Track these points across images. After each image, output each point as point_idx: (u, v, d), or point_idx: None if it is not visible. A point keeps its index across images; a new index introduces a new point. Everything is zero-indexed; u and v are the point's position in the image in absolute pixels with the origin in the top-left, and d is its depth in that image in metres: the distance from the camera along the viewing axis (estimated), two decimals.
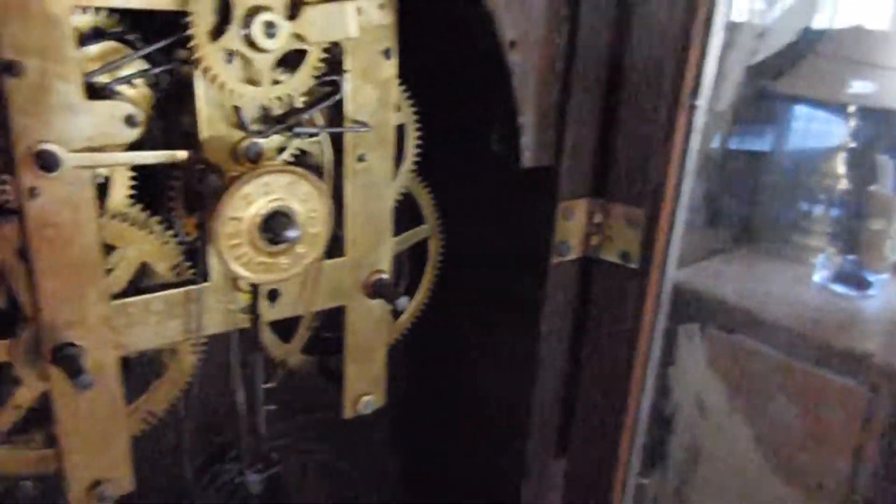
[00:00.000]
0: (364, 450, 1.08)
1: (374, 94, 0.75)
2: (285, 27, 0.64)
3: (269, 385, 0.80)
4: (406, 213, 0.90)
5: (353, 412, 0.89)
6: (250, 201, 0.63)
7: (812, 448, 0.91)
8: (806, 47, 1.17)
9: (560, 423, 0.97)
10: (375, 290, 0.83)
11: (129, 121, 0.62)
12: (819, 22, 1.22)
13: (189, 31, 0.61)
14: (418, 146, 0.85)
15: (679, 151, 0.81)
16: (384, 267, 0.83)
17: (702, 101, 0.78)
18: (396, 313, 0.91)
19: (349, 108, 0.74)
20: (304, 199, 0.66)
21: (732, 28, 0.92)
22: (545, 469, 1.00)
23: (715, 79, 0.78)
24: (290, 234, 0.63)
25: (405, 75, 0.77)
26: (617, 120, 0.82)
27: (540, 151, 0.82)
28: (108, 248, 0.66)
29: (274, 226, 0.64)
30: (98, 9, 0.61)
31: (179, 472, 0.86)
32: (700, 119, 0.79)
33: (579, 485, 0.98)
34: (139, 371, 0.76)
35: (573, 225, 0.87)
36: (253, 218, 0.64)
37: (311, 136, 0.72)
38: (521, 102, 0.78)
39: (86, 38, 0.61)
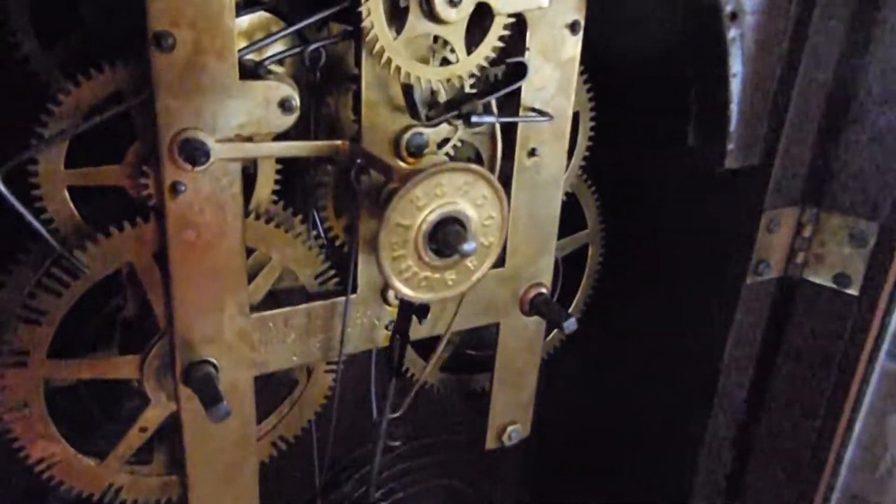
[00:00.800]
0: (493, 478, 0.97)
1: (555, 76, 0.62)
2: None
3: (397, 414, 0.69)
4: (564, 215, 0.77)
5: (496, 443, 0.77)
6: (420, 206, 0.52)
7: None
8: None
9: (731, 469, 0.83)
10: (534, 306, 0.70)
11: (285, 105, 0.51)
12: None
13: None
14: (591, 139, 0.72)
15: None
16: (545, 280, 0.71)
17: None
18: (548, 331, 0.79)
19: (527, 95, 0.61)
20: (479, 203, 0.54)
21: None
22: None
23: None
24: (467, 247, 0.52)
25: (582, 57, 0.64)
26: (850, 116, 0.66)
27: (748, 149, 0.67)
28: (249, 252, 0.57)
29: (446, 236, 0.52)
30: None
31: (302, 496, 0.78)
32: None
33: None
34: (266, 391, 0.67)
35: (776, 239, 0.71)
36: (421, 225, 0.53)
37: (480, 125, 0.60)
38: (733, 90, 0.63)
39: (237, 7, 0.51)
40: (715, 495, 0.83)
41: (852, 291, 0.70)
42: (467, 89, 0.60)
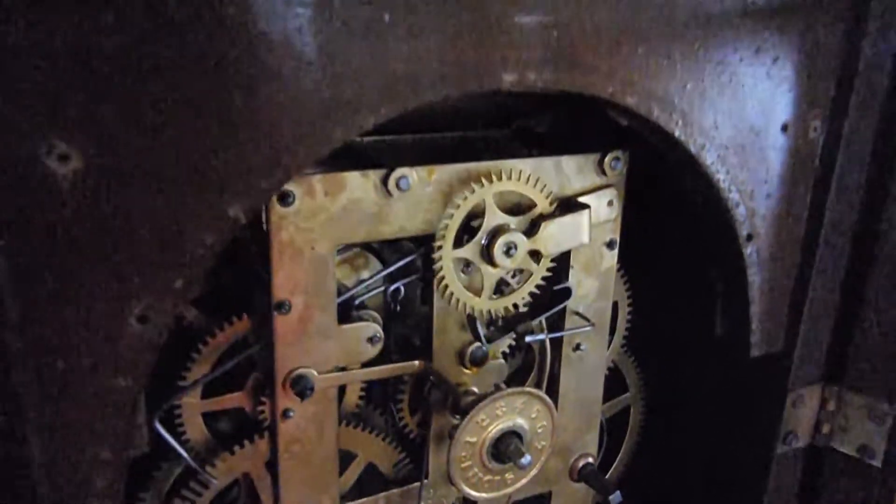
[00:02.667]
0: None
1: (595, 284, 0.73)
2: (524, 245, 0.63)
3: None
4: (609, 382, 0.86)
5: None
6: (483, 426, 0.62)
7: None
8: None
9: None
10: (582, 476, 0.79)
11: (372, 340, 0.63)
12: None
13: (437, 244, 0.61)
14: (629, 321, 0.82)
15: None
16: (591, 451, 0.80)
17: None
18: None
19: (571, 301, 0.72)
20: (533, 416, 0.64)
21: None
22: None
23: None
24: (524, 461, 0.61)
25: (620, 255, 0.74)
26: (862, 306, 0.74)
27: (770, 339, 0.75)
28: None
29: (506, 449, 0.62)
30: None
31: None
32: None
33: None
34: None
35: (802, 412, 0.79)
36: (485, 441, 0.63)
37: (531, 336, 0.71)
38: (753, 294, 0.73)
39: None
40: None
41: (875, 463, 0.76)
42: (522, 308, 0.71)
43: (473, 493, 0.64)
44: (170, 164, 0.47)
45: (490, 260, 0.63)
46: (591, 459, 0.80)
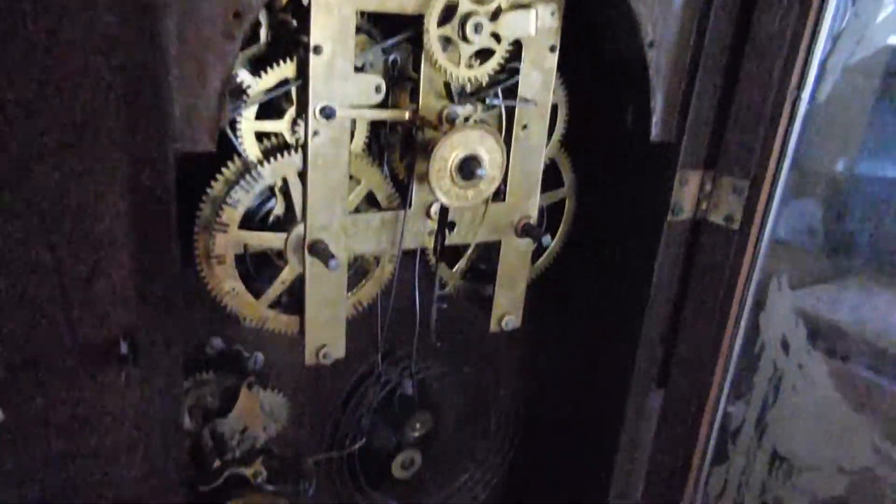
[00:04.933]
0: (496, 368, 1.33)
1: (540, 78, 1.00)
2: (488, 27, 0.89)
3: (442, 292, 1.06)
4: (549, 177, 1.14)
5: (497, 327, 1.14)
6: (453, 147, 0.89)
7: None
8: None
9: (662, 358, 1.18)
10: (525, 230, 1.07)
11: (378, 89, 0.89)
12: None
13: (425, 25, 0.87)
14: (566, 122, 1.09)
15: (782, 134, 1.00)
16: (532, 214, 1.08)
17: (804, 94, 0.97)
18: (537, 255, 1.16)
19: (521, 89, 0.99)
20: (489, 149, 0.92)
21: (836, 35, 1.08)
22: (644, 401, 1.21)
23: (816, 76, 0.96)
24: (480, 172, 0.89)
25: (560, 66, 1.01)
26: (732, 107, 1.02)
27: (665, 129, 1.03)
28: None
29: (468, 166, 0.90)
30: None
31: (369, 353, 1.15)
32: (802, 108, 0.98)
33: (674, 411, 1.18)
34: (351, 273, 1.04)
35: (687, 191, 1.07)
36: (454, 160, 0.90)
37: (493, 107, 0.98)
38: (654, 90, 1.00)
39: None
40: (649, 380, 1.19)
41: (734, 227, 1.05)
42: (485, 84, 0.98)
43: (444, 200, 0.92)
44: None
45: (463, 36, 0.89)
46: (531, 220, 1.08)
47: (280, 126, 0.89)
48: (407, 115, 0.93)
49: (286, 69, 0.87)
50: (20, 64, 0.64)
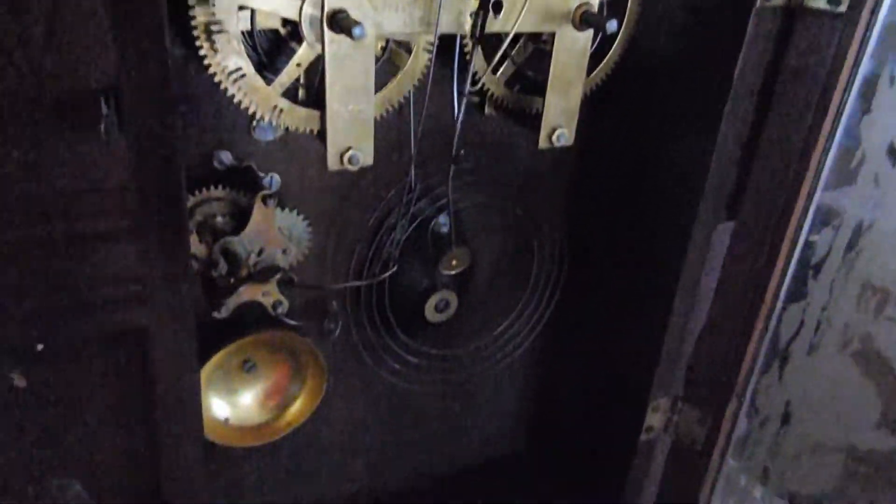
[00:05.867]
0: (537, 200, 1.18)
1: None
2: None
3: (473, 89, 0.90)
4: None
5: (547, 143, 0.98)
6: None
7: None
8: None
9: (734, 187, 1.02)
10: (584, 19, 0.90)
11: None
12: None
13: None
14: None
15: None
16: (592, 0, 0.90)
17: None
18: (600, 49, 0.98)
19: None
20: None
21: None
22: (711, 232, 1.06)
23: None
24: None
25: None
26: None
27: None
28: None
29: None
30: None
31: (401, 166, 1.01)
32: None
33: (746, 243, 1.04)
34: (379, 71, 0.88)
35: None
36: None
37: None
38: None
39: None
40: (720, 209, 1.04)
41: (840, 9, 0.87)
42: None
43: None
44: None
45: None
46: (592, 6, 0.90)
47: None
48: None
49: None
50: None
